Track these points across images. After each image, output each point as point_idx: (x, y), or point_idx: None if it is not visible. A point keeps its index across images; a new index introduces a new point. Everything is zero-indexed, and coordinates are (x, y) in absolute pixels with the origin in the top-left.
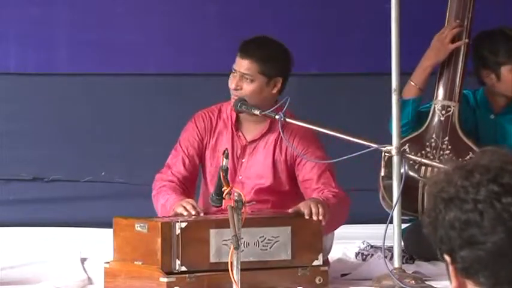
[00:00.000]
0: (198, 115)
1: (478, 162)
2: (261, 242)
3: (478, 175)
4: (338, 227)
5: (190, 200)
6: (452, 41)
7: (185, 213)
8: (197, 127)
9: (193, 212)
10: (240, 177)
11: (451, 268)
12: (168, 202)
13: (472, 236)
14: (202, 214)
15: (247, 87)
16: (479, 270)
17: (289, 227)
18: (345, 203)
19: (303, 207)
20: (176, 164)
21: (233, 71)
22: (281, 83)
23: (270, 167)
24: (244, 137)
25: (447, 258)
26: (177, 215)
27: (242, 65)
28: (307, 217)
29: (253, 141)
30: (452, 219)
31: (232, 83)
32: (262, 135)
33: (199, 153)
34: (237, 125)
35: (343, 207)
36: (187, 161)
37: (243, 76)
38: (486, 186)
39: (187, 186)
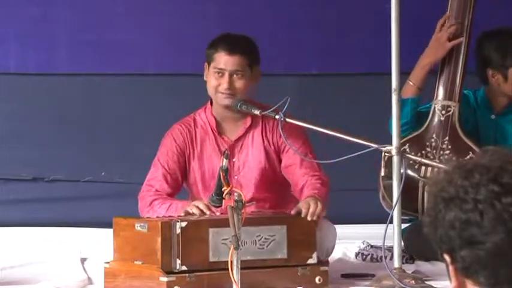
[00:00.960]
0: (174, 129)
1: (478, 161)
2: (258, 241)
3: (477, 175)
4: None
5: (203, 201)
6: (451, 38)
7: (197, 212)
8: (175, 141)
9: (207, 212)
10: (236, 177)
11: (451, 268)
12: (172, 207)
13: (472, 235)
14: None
15: (240, 84)
16: (478, 270)
17: (285, 226)
18: (328, 187)
19: (302, 206)
20: (158, 181)
21: (216, 71)
22: (260, 72)
23: (263, 158)
24: (229, 138)
25: (447, 257)
26: (188, 214)
27: (232, 62)
28: (303, 216)
29: (238, 139)
30: (453, 219)
31: (223, 84)
32: (247, 131)
33: (181, 167)
34: (218, 129)
35: (328, 192)
36: (169, 177)
37: (234, 73)
38: (486, 186)
39: None
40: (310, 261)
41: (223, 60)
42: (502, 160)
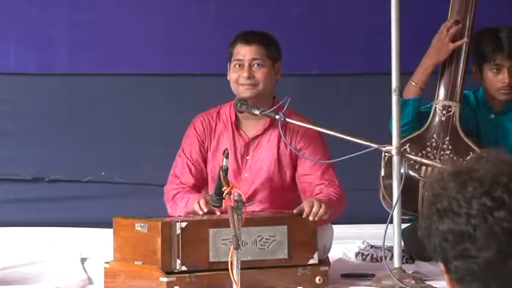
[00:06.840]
0: (197, 119)
1: (472, 172)
2: (259, 241)
3: (471, 188)
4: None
5: (206, 196)
6: (453, 40)
7: (200, 212)
8: (197, 132)
9: (205, 210)
10: (246, 175)
11: (445, 276)
12: (189, 203)
13: (465, 249)
14: (218, 213)
15: (260, 73)
16: (471, 281)
17: (286, 226)
18: (344, 203)
19: (305, 205)
20: (183, 173)
21: (236, 63)
22: (280, 68)
23: (275, 160)
24: (246, 135)
25: (441, 266)
26: (191, 213)
27: (250, 51)
28: (304, 216)
29: (256, 137)
30: (446, 231)
31: (243, 73)
32: (265, 130)
33: (203, 157)
34: (237, 124)
35: (341, 207)
36: (193, 168)
37: (252, 62)
38: (479, 200)
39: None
40: (311, 261)
41: (242, 51)
42: (497, 170)
